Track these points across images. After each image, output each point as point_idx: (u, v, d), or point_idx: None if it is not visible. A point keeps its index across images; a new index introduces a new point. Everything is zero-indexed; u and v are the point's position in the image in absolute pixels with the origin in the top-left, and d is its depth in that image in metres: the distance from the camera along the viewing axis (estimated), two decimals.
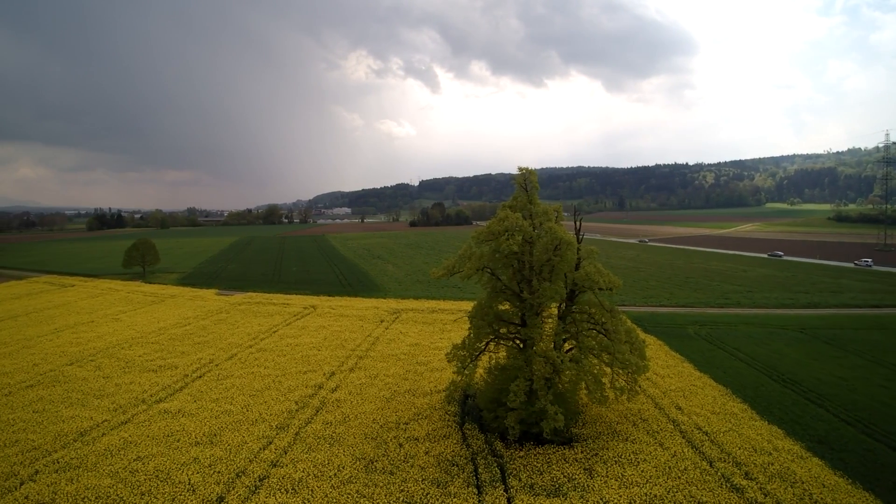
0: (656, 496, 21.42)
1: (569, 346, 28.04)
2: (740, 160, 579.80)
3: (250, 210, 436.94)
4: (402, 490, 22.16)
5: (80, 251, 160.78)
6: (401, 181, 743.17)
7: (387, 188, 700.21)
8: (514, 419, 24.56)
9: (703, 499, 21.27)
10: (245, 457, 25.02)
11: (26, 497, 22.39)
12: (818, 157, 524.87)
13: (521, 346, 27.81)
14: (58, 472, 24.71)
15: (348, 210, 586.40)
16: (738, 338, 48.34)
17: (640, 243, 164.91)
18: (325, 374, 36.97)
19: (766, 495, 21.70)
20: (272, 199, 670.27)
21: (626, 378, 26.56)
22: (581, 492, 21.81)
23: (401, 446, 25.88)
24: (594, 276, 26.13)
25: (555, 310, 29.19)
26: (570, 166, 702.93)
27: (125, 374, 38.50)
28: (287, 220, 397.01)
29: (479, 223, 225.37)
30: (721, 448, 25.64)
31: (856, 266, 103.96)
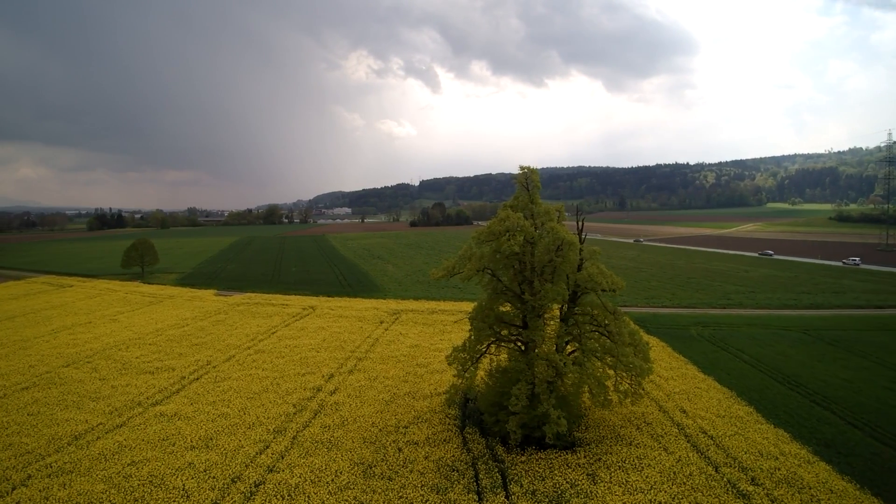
0: (661, 503, 20.97)
1: (571, 348, 27.53)
2: (741, 160, 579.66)
3: (251, 210, 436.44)
4: (400, 497, 21.66)
5: (80, 251, 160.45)
6: (401, 181, 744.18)
7: (387, 188, 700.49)
8: (515, 423, 24.02)
9: None
10: (241, 462, 24.55)
11: (17, 503, 22.01)
12: (819, 156, 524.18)
13: (523, 349, 27.29)
14: (50, 476, 24.34)
15: (349, 210, 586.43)
16: (742, 339, 47.85)
17: (635, 243, 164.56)
18: (323, 377, 36.46)
19: (773, 501, 21.22)
20: (273, 199, 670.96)
21: (629, 381, 26.06)
22: (584, 498, 21.30)
23: (400, 451, 25.38)
24: (597, 278, 25.58)
25: (557, 311, 28.68)
26: (570, 166, 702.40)
27: (121, 375, 38.06)
28: (287, 220, 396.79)
29: (480, 223, 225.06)
30: (727, 452, 25.14)
31: (844, 265, 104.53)
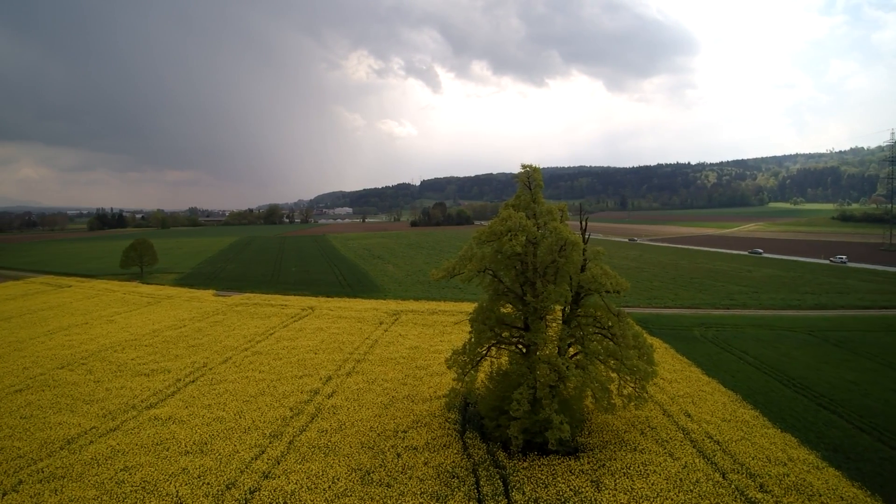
0: None
1: (573, 350, 26.92)
2: (742, 160, 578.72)
3: (251, 210, 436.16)
4: None
5: (80, 251, 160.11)
6: (402, 181, 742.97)
7: (388, 188, 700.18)
8: (517, 429, 23.39)
9: None
10: (236, 467, 23.97)
11: None
12: (821, 156, 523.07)
13: (524, 351, 26.67)
14: (42, 482, 23.87)
15: (349, 210, 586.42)
16: (746, 340, 47.20)
17: (630, 242, 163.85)
18: (321, 379, 35.86)
19: None
20: (274, 199, 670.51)
21: (633, 384, 25.44)
22: None
23: (399, 456, 24.77)
24: (601, 279, 24.94)
25: (559, 313, 28.04)
26: (571, 166, 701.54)
27: (116, 378, 37.51)
28: (288, 220, 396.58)
29: (481, 223, 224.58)
30: (734, 458, 24.52)
31: (831, 263, 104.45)
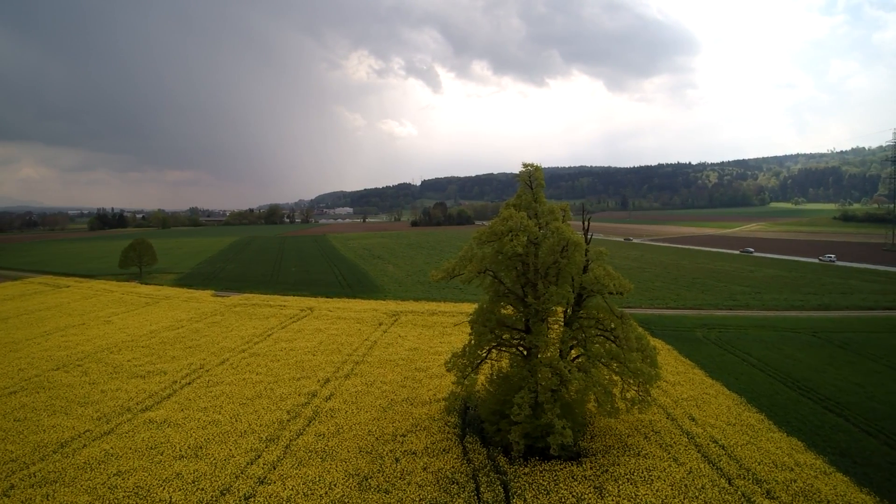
0: None
1: (575, 353, 26.39)
2: (743, 160, 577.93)
3: (252, 210, 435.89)
4: None
5: (80, 251, 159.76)
6: (403, 181, 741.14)
7: (389, 188, 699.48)
8: (518, 434, 22.87)
9: None
10: (231, 472, 23.45)
11: None
12: (822, 156, 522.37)
13: (525, 354, 26.13)
14: (34, 486, 23.43)
15: (350, 210, 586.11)
16: (749, 342, 46.66)
17: (626, 242, 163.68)
18: (319, 381, 35.34)
19: None
20: (274, 199, 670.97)
21: (637, 388, 24.89)
22: None
23: (397, 461, 24.24)
24: (603, 280, 24.40)
25: (560, 315, 27.50)
26: (572, 166, 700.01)
27: (112, 379, 37.02)
28: (289, 220, 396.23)
29: (482, 223, 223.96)
30: (739, 463, 23.99)
31: (820, 262, 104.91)
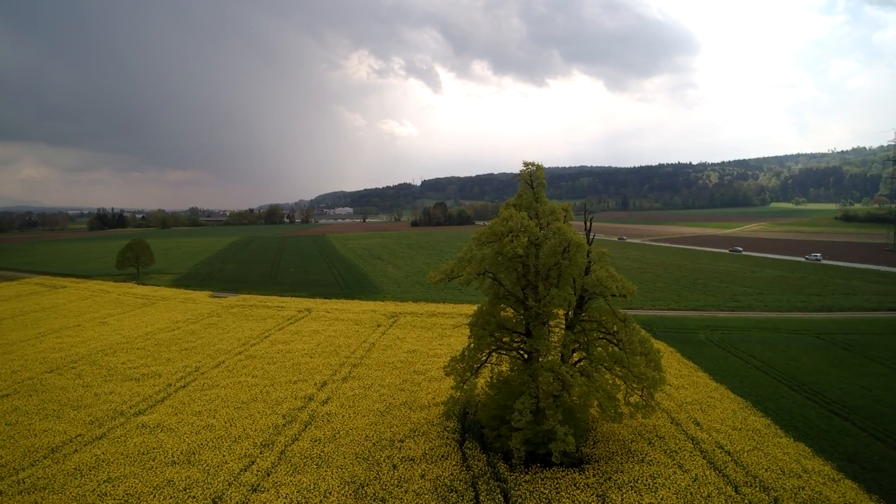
0: None
1: (578, 356, 25.74)
2: (744, 159, 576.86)
3: (252, 210, 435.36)
4: None
5: (79, 251, 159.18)
6: (403, 181, 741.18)
7: (389, 188, 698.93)
8: (519, 440, 22.21)
9: None
10: (223, 480, 22.84)
11: None
12: (822, 156, 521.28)
13: (526, 358, 25.49)
14: (22, 493, 22.87)
15: (350, 210, 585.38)
16: (753, 344, 45.99)
17: (619, 241, 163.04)
18: (316, 385, 34.72)
19: None
20: (275, 199, 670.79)
21: (641, 393, 24.27)
22: None
23: (394, 468, 23.62)
24: (606, 282, 23.73)
25: (562, 318, 26.85)
26: (572, 166, 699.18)
27: (106, 382, 36.41)
28: (288, 220, 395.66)
29: (482, 223, 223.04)
30: (746, 470, 23.38)
31: (806, 260, 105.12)
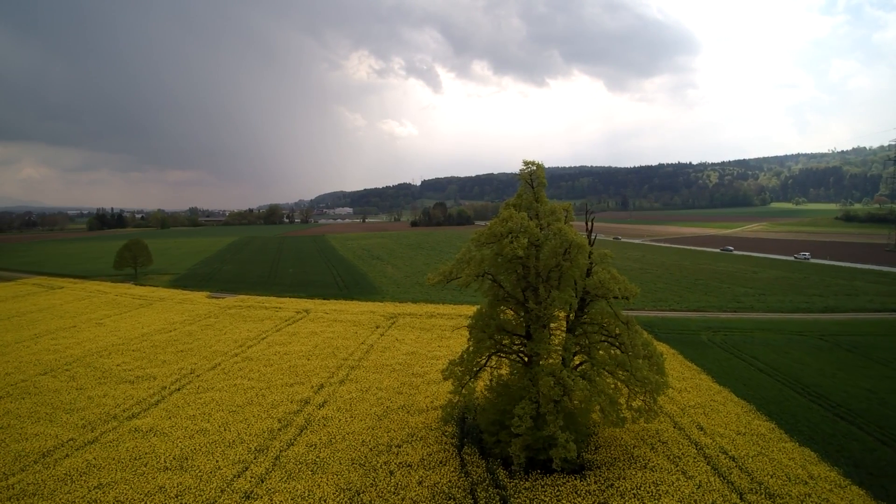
0: None
1: (579, 360, 25.19)
2: (744, 159, 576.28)
3: (251, 210, 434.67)
4: None
5: (77, 251, 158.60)
6: (403, 181, 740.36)
7: (389, 188, 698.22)
8: (519, 446, 21.66)
9: None
10: (216, 486, 22.31)
11: None
12: (823, 156, 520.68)
13: (527, 361, 24.94)
14: (11, 499, 22.40)
15: (350, 210, 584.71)
16: (756, 345, 45.45)
17: (614, 241, 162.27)
18: (312, 388, 34.17)
19: None
20: (275, 199, 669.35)
21: (643, 397, 23.73)
22: None
23: (391, 474, 23.09)
24: (608, 284, 23.16)
25: (563, 320, 26.27)
26: (572, 166, 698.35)
27: (100, 385, 35.87)
28: (288, 220, 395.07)
29: (481, 223, 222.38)
30: (751, 476, 22.84)
31: (795, 259, 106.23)
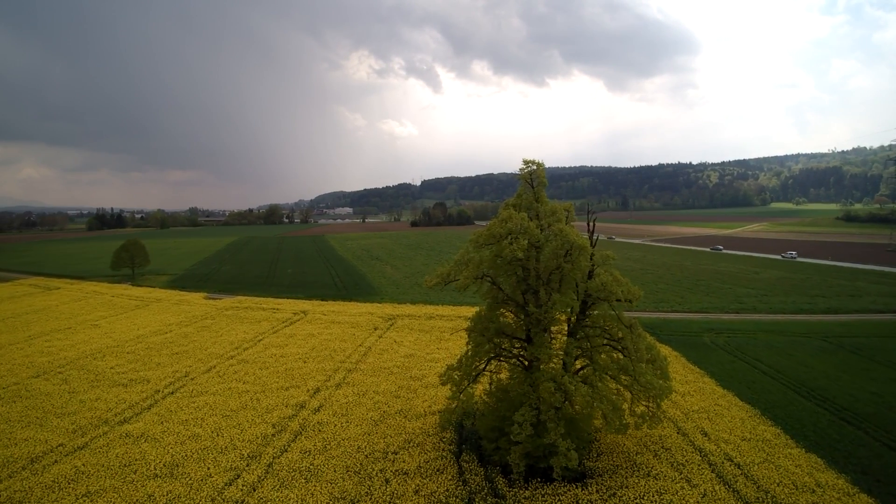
0: None
1: (580, 364, 24.54)
2: (744, 159, 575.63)
3: (251, 210, 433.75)
4: None
5: (76, 252, 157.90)
6: (403, 181, 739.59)
7: (389, 188, 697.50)
8: (518, 454, 21.02)
9: None
10: (207, 495, 21.68)
11: None
12: (823, 156, 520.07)
13: (527, 366, 24.30)
14: None
15: (350, 210, 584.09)
16: (759, 347, 44.81)
17: (608, 240, 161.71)
18: (308, 391, 33.52)
19: None
20: (275, 199, 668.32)
21: (647, 402, 23.09)
22: None
23: (387, 482, 22.44)
24: (610, 286, 22.52)
25: (564, 323, 25.62)
26: (572, 166, 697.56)
27: (92, 388, 35.24)
28: (288, 220, 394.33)
29: (482, 223, 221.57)
30: (757, 485, 22.21)
31: (783, 258, 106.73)
